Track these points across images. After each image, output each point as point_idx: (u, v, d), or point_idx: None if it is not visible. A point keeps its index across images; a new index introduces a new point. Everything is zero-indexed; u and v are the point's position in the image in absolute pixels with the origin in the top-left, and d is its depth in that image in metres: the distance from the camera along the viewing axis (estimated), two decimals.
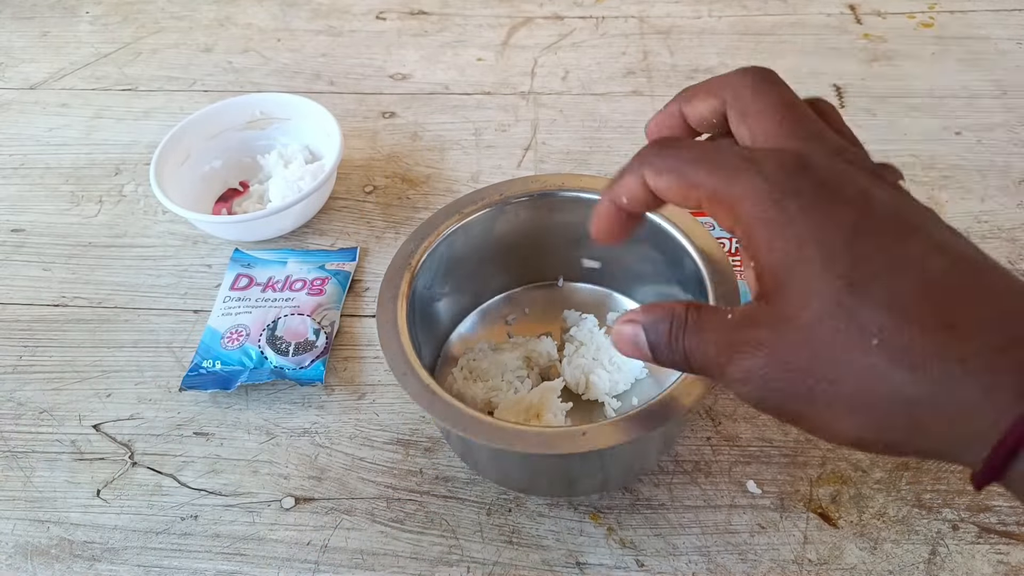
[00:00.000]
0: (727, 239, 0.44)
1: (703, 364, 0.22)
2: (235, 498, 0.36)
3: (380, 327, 0.32)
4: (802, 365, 0.19)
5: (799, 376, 0.19)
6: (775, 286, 0.20)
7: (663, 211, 0.35)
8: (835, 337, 0.18)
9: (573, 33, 0.62)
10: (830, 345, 0.19)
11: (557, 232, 0.39)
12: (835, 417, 0.19)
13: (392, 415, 0.39)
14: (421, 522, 0.35)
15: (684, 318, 0.22)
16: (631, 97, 0.56)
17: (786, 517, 0.34)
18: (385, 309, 0.33)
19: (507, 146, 0.52)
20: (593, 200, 0.37)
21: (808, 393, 0.19)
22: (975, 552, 0.33)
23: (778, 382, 0.20)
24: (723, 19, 0.62)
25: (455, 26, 0.63)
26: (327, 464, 0.37)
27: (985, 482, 0.18)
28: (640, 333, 0.23)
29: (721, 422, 0.38)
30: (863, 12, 0.62)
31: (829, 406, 0.19)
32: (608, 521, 0.34)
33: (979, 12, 0.61)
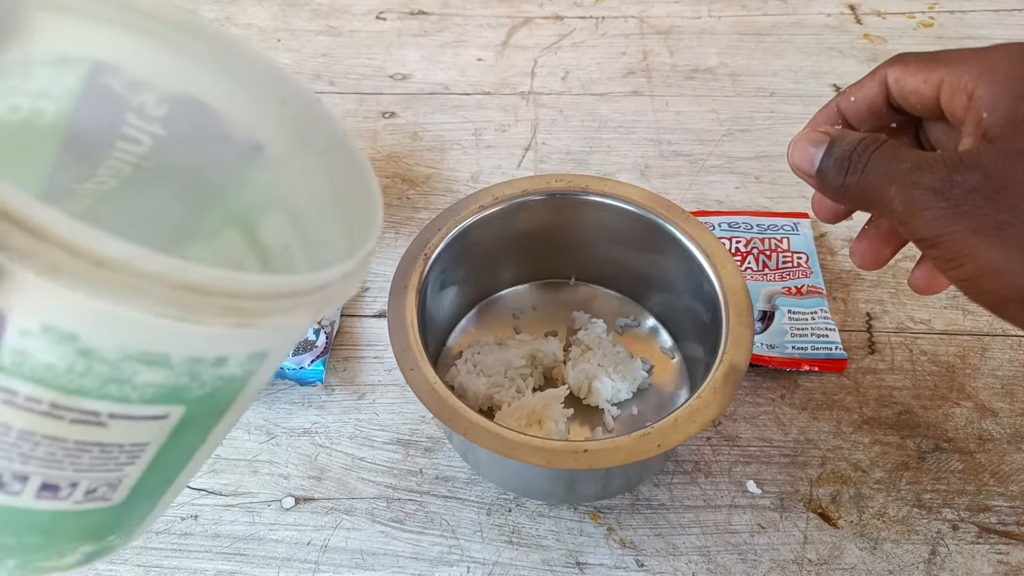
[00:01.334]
0: (727, 238, 0.44)
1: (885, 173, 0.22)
2: (235, 498, 0.36)
3: (391, 317, 0.32)
4: (1022, 191, 0.19)
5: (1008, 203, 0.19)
6: (1008, 127, 0.20)
7: (681, 224, 0.35)
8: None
9: (573, 33, 0.62)
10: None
11: (573, 231, 0.39)
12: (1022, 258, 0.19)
13: (392, 415, 0.39)
14: (421, 522, 0.35)
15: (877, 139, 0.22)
16: (631, 97, 0.56)
17: (786, 517, 0.34)
18: (396, 299, 0.33)
19: (507, 146, 0.52)
20: (613, 206, 0.37)
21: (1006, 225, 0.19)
22: (975, 552, 0.33)
23: (980, 207, 0.20)
24: (723, 19, 0.62)
25: (455, 26, 0.63)
26: (327, 464, 0.37)
27: None
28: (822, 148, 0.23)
29: (721, 422, 0.38)
30: (863, 12, 0.62)
31: (1021, 247, 0.19)
32: (608, 521, 0.34)
33: (979, 12, 0.61)
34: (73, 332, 0.15)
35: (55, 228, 0.14)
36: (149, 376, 0.16)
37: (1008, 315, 0.21)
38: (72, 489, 0.18)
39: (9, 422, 0.16)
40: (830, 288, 0.43)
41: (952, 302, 0.42)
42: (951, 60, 0.22)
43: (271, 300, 0.16)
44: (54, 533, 0.19)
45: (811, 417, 0.38)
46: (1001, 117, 0.20)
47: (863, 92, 0.25)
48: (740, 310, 0.32)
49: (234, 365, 0.17)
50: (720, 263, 0.34)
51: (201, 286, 0.15)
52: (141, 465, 0.18)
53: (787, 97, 0.55)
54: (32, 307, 0.15)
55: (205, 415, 0.18)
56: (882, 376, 0.39)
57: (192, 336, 0.16)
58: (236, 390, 0.18)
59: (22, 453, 0.16)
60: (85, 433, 0.16)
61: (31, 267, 0.14)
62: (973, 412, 0.38)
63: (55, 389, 0.16)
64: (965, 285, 0.21)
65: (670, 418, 0.29)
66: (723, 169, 0.50)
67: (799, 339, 0.39)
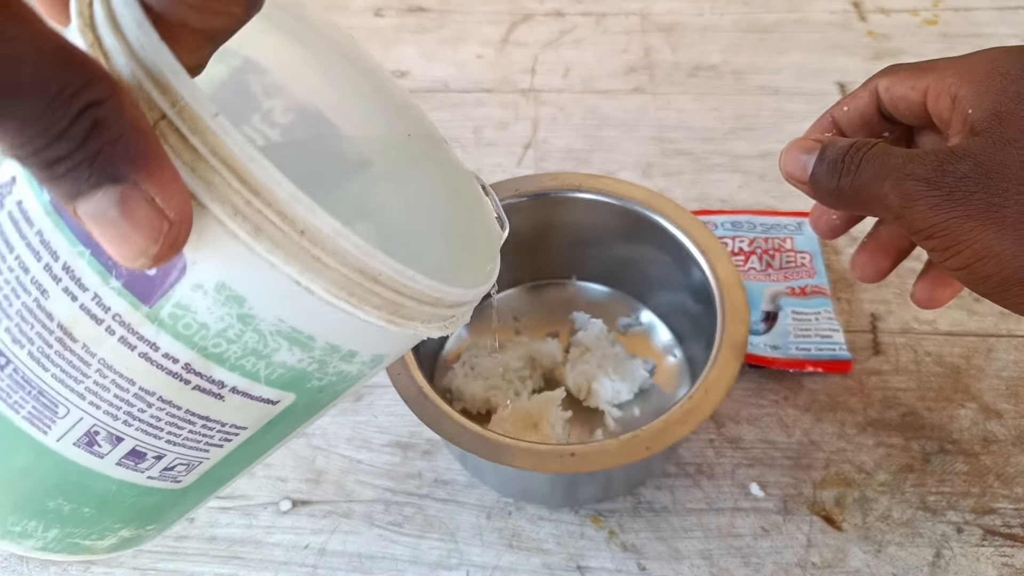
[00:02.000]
0: (730, 237, 0.44)
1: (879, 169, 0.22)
2: (231, 501, 0.35)
3: None
4: (1013, 173, 0.20)
5: (999, 186, 0.20)
6: (993, 119, 0.21)
7: (676, 220, 0.35)
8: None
9: (574, 30, 0.61)
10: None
11: (570, 230, 0.39)
12: (1018, 239, 0.20)
13: (390, 417, 0.38)
14: (420, 525, 0.34)
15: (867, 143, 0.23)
16: (632, 95, 0.55)
17: (789, 520, 0.34)
18: None
19: (507, 144, 0.52)
20: (608, 203, 0.36)
21: (999, 207, 0.20)
22: (980, 555, 0.33)
23: (972, 192, 0.20)
24: (725, 16, 0.62)
25: (454, 23, 0.62)
26: (325, 467, 0.36)
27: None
28: (814, 155, 0.24)
29: (724, 424, 0.37)
30: (867, 9, 0.61)
31: (1016, 228, 0.20)
32: (609, 524, 0.34)
33: (983, 10, 0.61)
34: (242, 295, 0.15)
35: (276, 189, 0.14)
36: (286, 356, 0.16)
37: (1011, 301, 0.21)
38: (155, 462, 0.18)
39: (135, 378, 0.16)
40: (834, 288, 0.42)
41: (957, 302, 0.42)
42: (936, 67, 0.23)
43: (423, 304, 0.17)
44: (109, 508, 0.19)
45: (815, 419, 0.37)
46: (986, 111, 0.21)
47: (856, 102, 0.26)
48: (735, 306, 0.32)
49: (357, 362, 0.18)
50: (715, 258, 0.34)
51: (376, 275, 0.15)
52: (226, 450, 0.19)
53: (791, 95, 0.54)
54: (216, 263, 0.15)
55: (304, 410, 0.19)
56: (886, 377, 0.39)
57: (345, 322, 0.16)
58: (340, 391, 0.19)
59: (130, 412, 0.16)
60: (200, 403, 0.17)
61: (241, 225, 0.14)
62: (978, 414, 0.37)
63: (197, 351, 0.16)
64: (964, 274, 0.21)
65: (660, 420, 0.28)
66: (726, 168, 0.49)
67: (803, 340, 0.39)
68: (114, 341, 0.15)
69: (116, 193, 0.13)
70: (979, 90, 0.22)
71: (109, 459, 0.17)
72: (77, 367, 0.16)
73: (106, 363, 0.16)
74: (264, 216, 0.14)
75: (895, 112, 0.25)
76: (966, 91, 0.22)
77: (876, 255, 0.27)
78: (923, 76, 0.24)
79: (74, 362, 0.16)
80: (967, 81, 0.22)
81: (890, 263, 0.27)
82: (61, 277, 0.15)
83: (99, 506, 0.18)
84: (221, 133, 0.14)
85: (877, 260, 0.27)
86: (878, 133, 0.27)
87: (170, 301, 0.15)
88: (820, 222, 0.29)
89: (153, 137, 0.13)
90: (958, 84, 0.22)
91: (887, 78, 0.25)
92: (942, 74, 0.23)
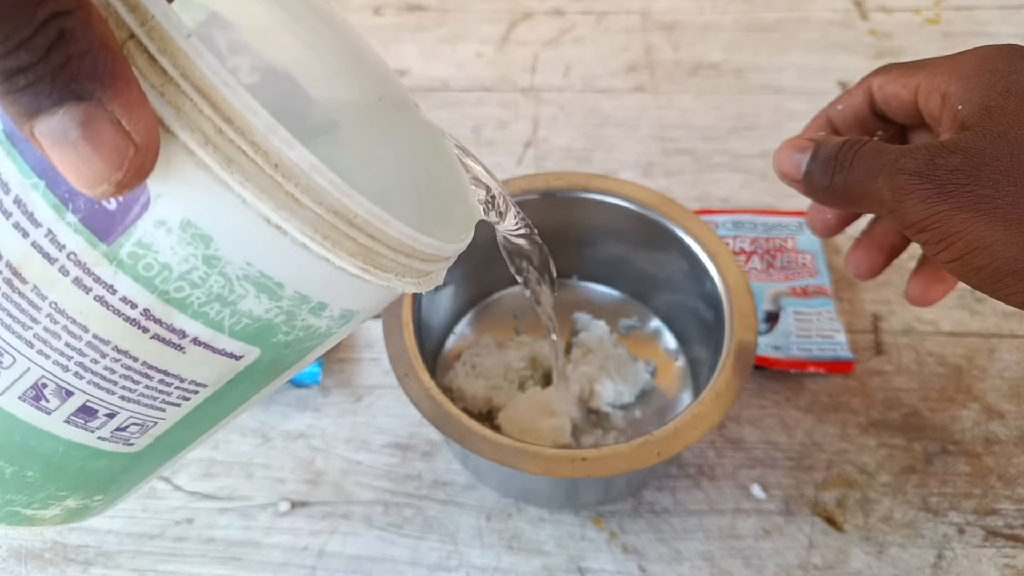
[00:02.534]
0: (731, 237, 0.43)
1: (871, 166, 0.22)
2: (230, 502, 0.35)
3: (386, 321, 0.32)
4: (1003, 166, 0.20)
5: (989, 178, 0.20)
6: (983, 114, 0.21)
7: (683, 222, 0.35)
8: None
9: (574, 28, 0.61)
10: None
11: (574, 230, 0.38)
12: (1008, 230, 0.20)
13: (390, 418, 0.38)
14: (419, 527, 0.34)
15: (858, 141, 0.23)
16: (633, 93, 0.55)
17: (791, 521, 0.34)
18: (391, 302, 0.32)
19: (507, 143, 0.51)
20: (614, 204, 0.36)
21: (989, 199, 0.20)
22: (981, 556, 0.33)
23: (963, 185, 0.21)
24: (727, 15, 0.61)
25: (454, 21, 0.62)
26: (323, 468, 0.36)
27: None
28: (807, 153, 0.24)
29: (725, 425, 0.37)
30: (869, 8, 0.61)
31: (1006, 219, 0.20)
32: (610, 526, 0.34)
33: (985, 9, 0.61)
34: (209, 234, 0.14)
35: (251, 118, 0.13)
36: (253, 304, 0.15)
37: (1003, 292, 0.21)
38: (107, 420, 0.16)
39: (89, 324, 0.15)
40: (836, 288, 0.42)
41: (959, 303, 0.42)
42: (927, 66, 0.24)
43: (398, 254, 0.16)
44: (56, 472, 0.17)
45: (817, 420, 0.37)
46: (975, 106, 0.22)
47: (850, 101, 0.26)
48: (743, 312, 0.32)
49: (327, 317, 0.17)
50: (723, 263, 0.33)
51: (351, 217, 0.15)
52: (184, 410, 0.17)
53: (793, 94, 0.54)
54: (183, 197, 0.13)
55: (268, 368, 0.18)
56: (889, 378, 0.39)
57: (317, 269, 0.15)
58: (306, 349, 0.18)
59: (82, 363, 0.15)
60: (159, 355, 0.15)
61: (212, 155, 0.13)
62: (980, 414, 0.37)
63: (157, 295, 0.14)
64: (957, 266, 0.22)
65: (670, 425, 0.28)
66: (728, 167, 0.49)
67: (805, 340, 0.39)
68: (68, 283, 0.14)
69: (79, 112, 0.12)
70: (968, 87, 0.22)
71: (57, 415, 0.16)
72: (26, 312, 0.14)
73: (58, 307, 0.14)
74: (236, 146, 0.13)
75: (888, 111, 0.25)
76: (955, 88, 0.22)
77: (871, 251, 0.28)
78: (914, 75, 0.24)
79: (23, 306, 0.14)
80: (956, 78, 0.22)
81: (884, 259, 0.28)
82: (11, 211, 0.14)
83: (44, 469, 0.17)
84: (193, 55, 0.13)
85: (871, 256, 0.27)
86: (872, 132, 0.27)
87: (131, 239, 0.14)
88: (816, 221, 0.29)
89: (121, 56, 0.12)
90: (947, 82, 0.23)
91: (880, 77, 0.25)
92: (932, 72, 0.23)
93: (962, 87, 0.22)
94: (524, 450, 0.28)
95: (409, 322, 0.31)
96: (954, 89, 0.22)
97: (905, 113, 0.25)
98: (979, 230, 0.20)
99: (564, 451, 0.28)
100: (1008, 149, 0.20)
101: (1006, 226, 0.20)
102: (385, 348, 0.31)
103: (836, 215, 0.28)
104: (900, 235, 0.27)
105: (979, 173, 0.20)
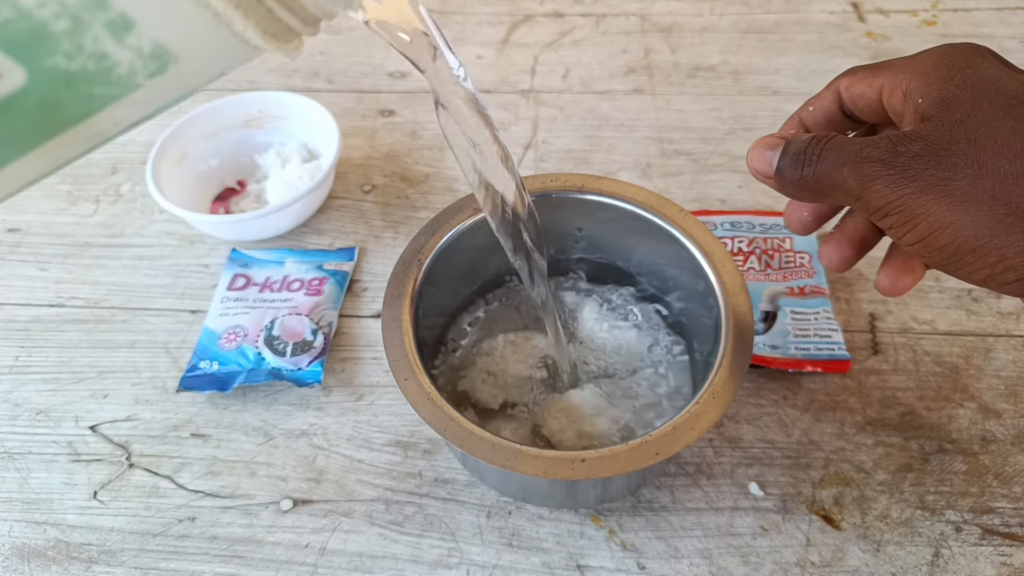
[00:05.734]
0: (729, 238, 0.44)
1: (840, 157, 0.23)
2: (233, 500, 0.35)
3: (385, 327, 0.32)
4: (960, 150, 0.21)
5: (948, 162, 0.21)
6: (941, 105, 0.22)
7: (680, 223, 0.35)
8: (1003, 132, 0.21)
9: (574, 31, 0.61)
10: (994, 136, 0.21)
11: (572, 230, 0.39)
12: (967, 210, 0.21)
13: (391, 416, 0.38)
14: (420, 524, 0.34)
15: (824, 137, 0.24)
16: (632, 95, 0.55)
17: (788, 519, 0.34)
18: (391, 307, 0.33)
19: (507, 144, 0.52)
20: (610, 204, 0.36)
21: (948, 181, 0.21)
22: (978, 554, 0.33)
23: (924, 169, 0.21)
24: (725, 17, 0.62)
25: (455, 23, 0.62)
26: (325, 466, 0.37)
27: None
28: (778, 151, 0.25)
29: (723, 424, 0.37)
30: (866, 10, 0.61)
31: (965, 199, 0.21)
32: (609, 523, 0.34)
33: (982, 11, 0.61)
34: None
35: None
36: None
37: (965, 270, 0.22)
38: None
39: None
40: (833, 288, 0.43)
41: (955, 302, 0.42)
42: (890, 66, 0.25)
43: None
44: None
45: (814, 418, 0.37)
46: (934, 99, 0.23)
47: (820, 102, 0.28)
48: (740, 312, 0.32)
49: (131, 47, 0.12)
50: (720, 263, 0.34)
51: None
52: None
53: (790, 96, 0.54)
54: None
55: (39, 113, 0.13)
56: (885, 377, 0.39)
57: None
58: (99, 102, 0.13)
59: None
60: None
61: None
62: (977, 413, 0.38)
63: None
64: (921, 247, 0.23)
65: (668, 425, 0.28)
66: (725, 168, 0.50)
67: (802, 340, 0.39)
68: None
69: None
70: (927, 82, 0.23)
71: None
72: None
73: None
74: None
75: (855, 110, 0.27)
76: (915, 84, 0.24)
77: (842, 244, 0.28)
78: (878, 74, 0.25)
79: None
80: (916, 75, 0.24)
81: (855, 253, 0.28)
82: None
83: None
84: None
85: (843, 249, 0.28)
86: (842, 131, 0.28)
87: None
88: (793, 219, 0.30)
89: None
90: (908, 79, 0.24)
91: (847, 78, 0.26)
92: (894, 72, 0.25)
93: (921, 83, 0.23)
94: (524, 452, 0.28)
95: (409, 329, 0.32)
96: (915, 85, 0.23)
97: (871, 111, 0.26)
98: (940, 211, 0.21)
99: (563, 452, 0.28)
100: (966, 135, 0.21)
101: (965, 206, 0.21)
102: (385, 355, 0.31)
103: (812, 212, 0.29)
104: (871, 229, 0.28)
105: (939, 158, 0.21)
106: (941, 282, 0.43)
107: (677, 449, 0.28)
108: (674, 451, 0.28)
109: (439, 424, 0.29)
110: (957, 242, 0.22)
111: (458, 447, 0.28)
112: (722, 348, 0.31)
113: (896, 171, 0.22)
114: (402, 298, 0.33)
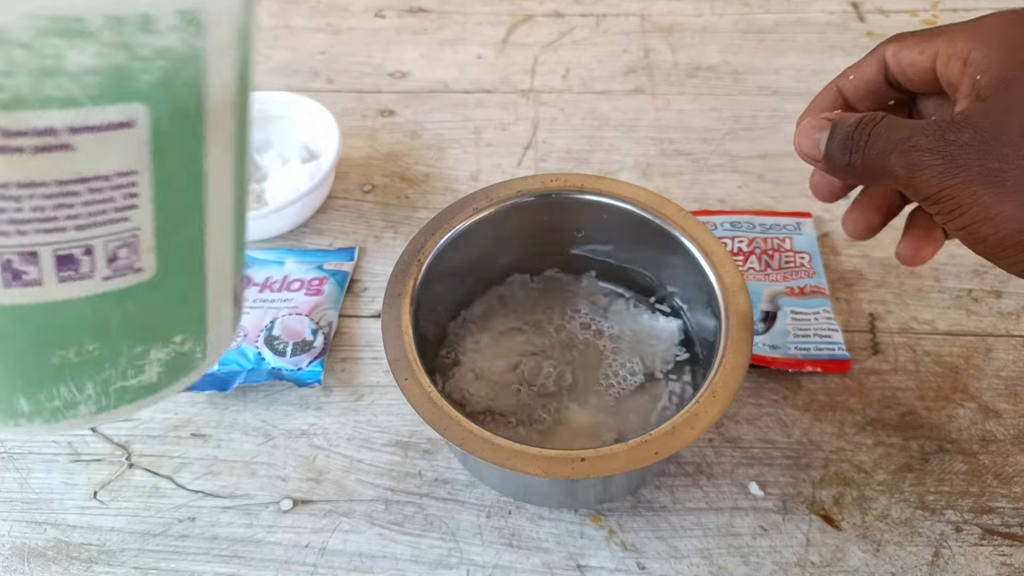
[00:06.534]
0: (729, 238, 0.44)
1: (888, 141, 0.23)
2: (233, 500, 0.35)
3: (385, 326, 0.32)
4: (1012, 140, 0.21)
5: (999, 152, 0.21)
6: (999, 85, 0.22)
7: (679, 223, 0.35)
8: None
9: (574, 31, 0.61)
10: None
11: (571, 231, 0.39)
12: (1015, 202, 0.21)
13: (391, 417, 0.38)
14: (420, 524, 0.34)
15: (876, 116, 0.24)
16: (632, 95, 0.55)
17: (788, 519, 0.34)
18: (390, 307, 0.33)
19: (507, 144, 0.52)
20: (610, 204, 0.36)
21: (999, 172, 0.21)
22: (978, 554, 0.33)
23: (973, 160, 0.21)
24: (725, 17, 0.62)
25: (455, 24, 0.62)
26: (325, 466, 0.37)
27: None
28: (826, 132, 0.24)
29: (723, 423, 0.37)
30: (866, 10, 0.61)
31: (1016, 191, 0.21)
32: (609, 523, 0.34)
33: (981, 10, 0.61)
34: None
35: None
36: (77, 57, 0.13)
37: (1006, 261, 0.22)
38: (89, 258, 0.15)
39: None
40: (833, 288, 0.43)
41: (956, 302, 0.42)
42: (946, 31, 0.24)
43: None
44: (106, 331, 0.16)
45: (814, 418, 0.37)
46: (993, 77, 0.22)
47: (861, 71, 0.26)
48: (740, 311, 0.32)
49: (166, 28, 0.14)
50: (720, 263, 0.34)
51: None
52: (146, 209, 0.16)
53: (790, 96, 0.54)
54: None
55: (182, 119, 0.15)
56: (885, 377, 0.39)
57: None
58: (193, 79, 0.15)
59: (10, 220, 0.14)
60: (56, 165, 0.14)
61: None
62: (977, 413, 0.38)
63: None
64: (964, 234, 0.22)
65: (668, 424, 0.28)
66: (725, 168, 0.50)
67: (802, 340, 0.39)
68: None
69: None
70: (989, 54, 0.22)
71: (48, 281, 0.15)
72: None
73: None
74: None
75: (903, 79, 0.26)
76: (976, 55, 0.23)
77: (868, 211, 0.28)
78: (932, 40, 0.24)
79: None
80: (979, 44, 0.23)
81: (881, 220, 0.28)
82: None
83: (96, 334, 0.16)
84: None
85: (869, 216, 0.28)
86: (884, 101, 0.27)
87: None
88: (820, 187, 0.29)
89: None
90: (970, 47, 0.23)
91: (894, 45, 0.25)
92: (952, 38, 0.23)
93: (982, 54, 0.22)
94: (523, 452, 0.28)
95: (409, 329, 0.32)
96: (975, 56, 0.23)
97: (921, 80, 0.25)
98: (987, 202, 0.21)
99: (563, 452, 0.28)
100: (1018, 124, 0.21)
101: (1015, 199, 0.21)
102: (385, 355, 0.31)
103: (840, 180, 0.29)
104: (897, 197, 0.28)
105: (988, 147, 0.21)
106: (941, 282, 0.43)
107: (677, 448, 0.28)
108: (674, 450, 0.28)
109: (439, 424, 0.29)
110: (1001, 233, 0.21)
111: (458, 447, 0.28)
112: (722, 348, 0.31)
113: (945, 161, 0.21)
114: (402, 298, 0.33)
